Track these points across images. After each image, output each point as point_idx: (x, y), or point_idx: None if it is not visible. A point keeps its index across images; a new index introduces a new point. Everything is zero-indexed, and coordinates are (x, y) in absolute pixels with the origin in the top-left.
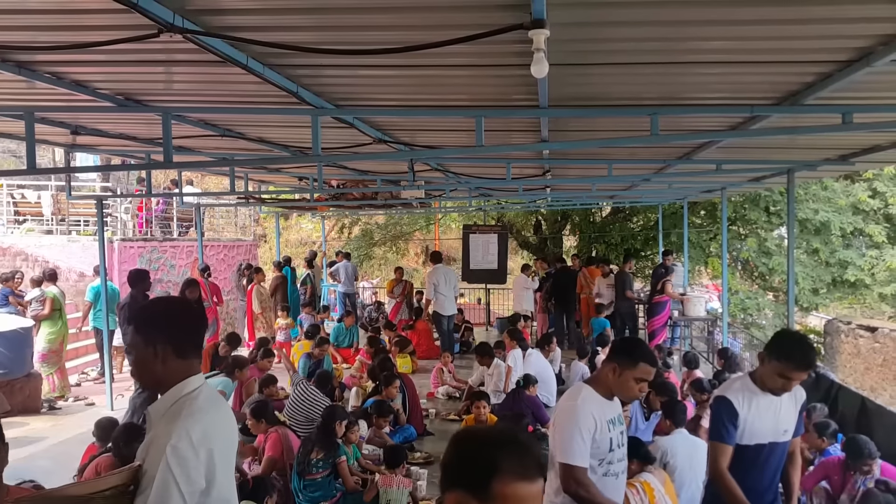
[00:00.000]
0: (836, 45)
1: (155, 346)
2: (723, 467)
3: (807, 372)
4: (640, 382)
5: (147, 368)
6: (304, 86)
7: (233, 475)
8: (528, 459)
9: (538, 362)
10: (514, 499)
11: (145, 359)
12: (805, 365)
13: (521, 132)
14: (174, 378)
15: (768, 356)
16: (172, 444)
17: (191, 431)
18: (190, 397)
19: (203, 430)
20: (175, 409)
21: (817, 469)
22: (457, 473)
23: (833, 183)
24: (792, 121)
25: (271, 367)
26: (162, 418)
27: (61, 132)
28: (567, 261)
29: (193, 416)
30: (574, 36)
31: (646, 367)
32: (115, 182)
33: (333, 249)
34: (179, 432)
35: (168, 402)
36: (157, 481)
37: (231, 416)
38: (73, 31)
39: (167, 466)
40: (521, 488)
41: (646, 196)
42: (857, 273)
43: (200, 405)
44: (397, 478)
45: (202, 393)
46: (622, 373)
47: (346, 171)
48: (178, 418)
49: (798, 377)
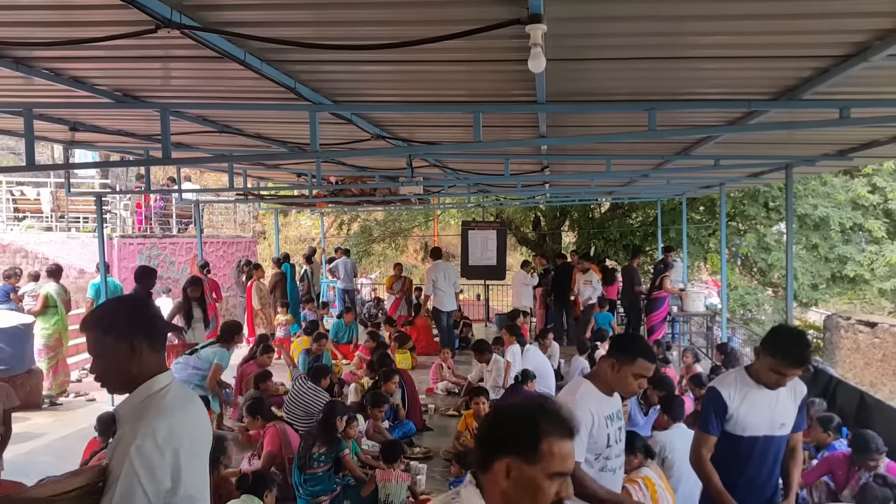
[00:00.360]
0: (832, 39)
1: (130, 341)
2: (703, 455)
3: (801, 369)
4: (639, 378)
5: (121, 369)
6: (302, 82)
7: (204, 472)
8: (564, 420)
9: (536, 357)
10: (559, 455)
11: (118, 359)
12: (799, 362)
13: (520, 128)
14: (147, 375)
15: (763, 351)
16: (137, 445)
17: (156, 431)
18: (158, 395)
19: (169, 429)
20: (142, 408)
21: (821, 464)
22: (503, 442)
23: (832, 178)
24: (790, 116)
25: (271, 363)
26: (128, 416)
27: (60, 129)
28: (567, 257)
29: (160, 415)
30: (571, 31)
31: (644, 363)
32: (114, 179)
33: (332, 246)
34: (144, 432)
35: (137, 400)
36: (122, 481)
37: (203, 412)
38: (71, 27)
39: (131, 466)
40: (564, 445)
41: (644, 192)
42: (856, 268)
43: (167, 404)
44: (396, 472)
45: (171, 391)
46: (621, 368)
47: (344, 168)
48: (144, 417)
49: (792, 373)
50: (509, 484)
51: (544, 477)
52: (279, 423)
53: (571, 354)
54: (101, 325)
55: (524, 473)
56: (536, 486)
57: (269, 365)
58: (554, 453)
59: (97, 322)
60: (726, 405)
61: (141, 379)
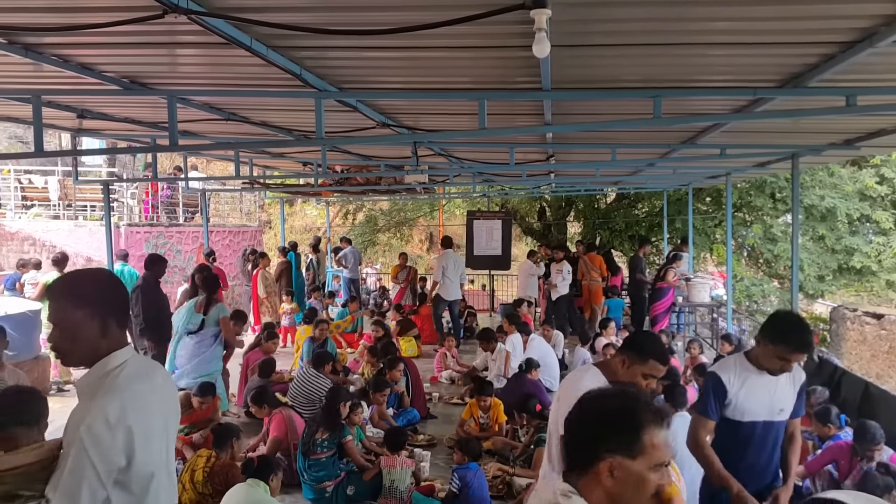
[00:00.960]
0: (838, 25)
1: (103, 318)
2: (701, 438)
3: (804, 354)
4: (649, 378)
5: (84, 344)
6: (308, 68)
7: (165, 446)
8: (657, 409)
9: (541, 347)
10: (659, 445)
11: (85, 334)
12: (802, 347)
13: (525, 115)
14: (107, 351)
15: (764, 338)
16: (88, 424)
17: (107, 410)
18: (113, 374)
19: (121, 408)
20: (97, 385)
21: (825, 453)
22: (603, 441)
23: (840, 169)
24: (795, 104)
25: (276, 350)
26: (84, 393)
27: (68, 116)
28: (571, 247)
29: (111, 393)
30: (576, 16)
31: (656, 365)
32: (121, 168)
33: (338, 235)
34: (95, 412)
35: (93, 377)
36: (72, 460)
37: (166, 386)
38: (79, 12)
39: (82, 446)
40: (661, 434)
41: (651, 182)
42: (863, 260)
43: (121, 382)
44: (400, 458)
45: (126, 367)
46: (631, 366)
47: (350, 157)
48: (96, 396)
49: (795, 359)
50: (614, 483)
51: (648, 470)
52: (285, 410)
53: (574, 345)
54: (74, 296)
55: (629, 470)
56: (641, 481)
57: (274, 352)
58: (655, 445)
59: (70, 293)
60: (726, 389)
61: (101, 355)
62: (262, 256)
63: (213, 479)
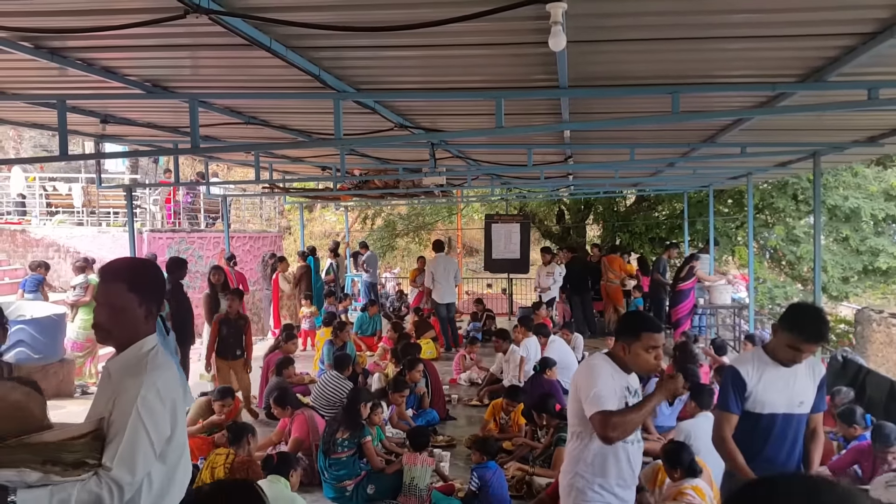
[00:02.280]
0: (857, 15)
1: (149, 306)
2: (726, 434)
3: (817, 344)
4: (652, 350)
5: (128, 327)
6: (326, 69)
7: (185, 425)
8: None
9: (560, 349)
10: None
11: (131, 317)
12: (816, 336)
13: (542, 115)
14: (143, 335)
15: (780, 328)
16: (143, 395)
17: (157, 383)
18: (151, 354)
19: (166, 383)
20: (140, 364)
21: (848, 453)
22: None
23: (864, 169)
24: (816, 98)
25: (295, 351)
26: (125, 372)
27: (91, 121)
28: (588, 249)
29: (158, 369)
30: (591, 10)
31: (649, 335)
32: (143, 175)
33: (357, 241)
34: (147, 385)
35: (131, 357)
36: (129, 429)
37: (179, 373)
38: (102, 14)
39: (138, 415)
40: None
41: (670, 183)
42: (889, 261)
43: (161, 361)
44: (422, 456)
45: (159, 351)
46: (630, 348)
47: (368, 161)
48: (143, 372)
49: (808, 349)
50: None
51: None
52: (307, 410)
53: (595, 347)
54: (129, 280)
55: None
56: None
57: (293, 352)
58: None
59: (126, 276)
60: (745, 382)
61: (136, 339)
62: (281, 260)
63: (234, 475)
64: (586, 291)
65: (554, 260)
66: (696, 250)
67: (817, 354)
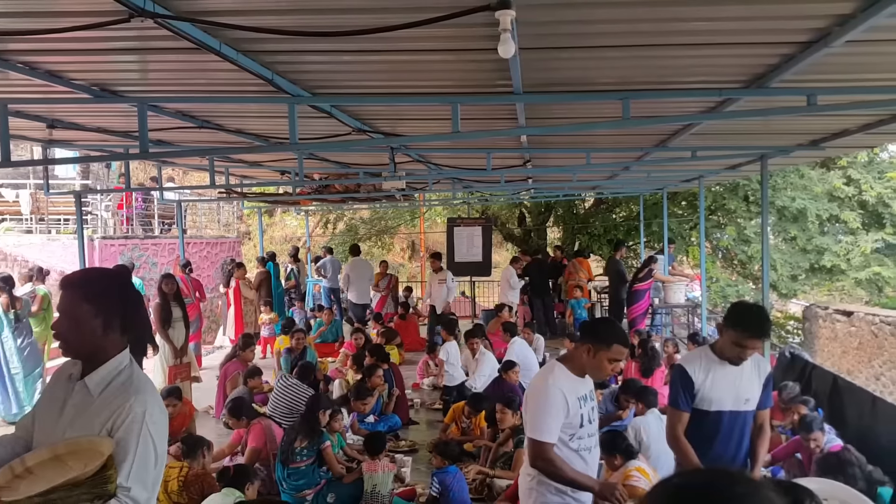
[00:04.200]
0: (795, 25)
1: (106, 318)
2: (678, 432)
3: (760, 340)
4: (614, 363)
5: (86, 339)
6: (280, 73)
7: None
8: None
9: (522, 350)
10: None
11: (88, 329)
12: (759, 333)
13: (501, 120)
14: (112, 351)
15: (725, 325)
16: (149, 412)
17: (158, 401)
18: (136, 371)
19: (158, 400)
20: (123, 380)
21: (790, 443)
22: None
23: (809, 171)
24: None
25: (253, 358)
26: (109, 389)
27: (38, 126)
28: (549, 251)
29: (149, 384)
30: (542, 18)
31: (619, 348)
32: (94, 180)
33: (318, 245)
34: (151, 403)
35: (112, 373)
36: (140, 446)
37: None
38: (44, 17)
39: (148, 433)
40: None
41: (627, 186)
42: (833, 259)
43: (146, 377)
44: (381, 462)
45: (136, 367)
46: (596, 354)
47: (328, 164)
48: (141, 389)
49: (752, 345)
50: None
51: None
52: (264, 420)
53: (556, 347)
54: (84, 290)
55: None
56: None
57: (251, 360)
58: None
59: (81, 286)
60: (692, 380)
61: (105, 354)
62: (238, 266)
63: (188, 488)
64: (547, 293)
65: (517, 264)
66: (653, 251)
67: (765, 353)
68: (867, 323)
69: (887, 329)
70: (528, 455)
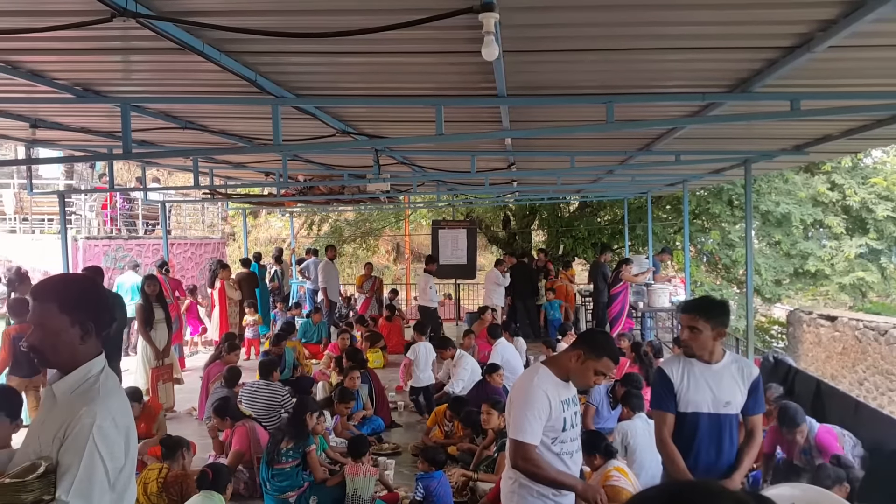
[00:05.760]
0: (779, 30)
1: (84, 325)
2: (664, 435)
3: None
4: (599, 375)
5: (64, 349)
6: (263, 74)
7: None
8: None
9: (506, 351)
10: None
11: (65, 338)
12: (692, 310)
13: (485, 123)
14: (86, 357)
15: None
16: (98, 425)
17: (112, 411)
18: (101, 378)
19: (120, 410)
20: (86, 388)
21: (767, 437)
22: None
23: (794, 176)
24: (745, 108)
25: (237, 361)
26: (71, 397)
27: (21, 126)
28: (534, 255)
29: (111, 395)
30: (526, 21)
31: (608, 363)
32: (78, 180)
33: (303, 247)
34: (103, 412)
35: (77, 381)
36: (85, 459)
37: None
38: (25, 16)
39: (94, 445)
40: None
41: (611, 190)
42: (817, 264)
43: (113, 385)
44: (364, 466)
45: (108, 374)
46: (585, 361)
47: (312, 166)
48: (97, 399)
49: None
50: None
51: None
52: (248, 422)
53: (539, 349)
54: (59, 300)
55: None
56: None
57: (235, 363)
58: None
59: (55, 296)
60: (671, 381)
61: (79, 361)
62: (223, 267)
63: (168, 490)
64: (530, 296)
65: (501, 267)
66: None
67: (750, 356)
68: (851, 328)
69: (871, 334)
70: (510, 456)
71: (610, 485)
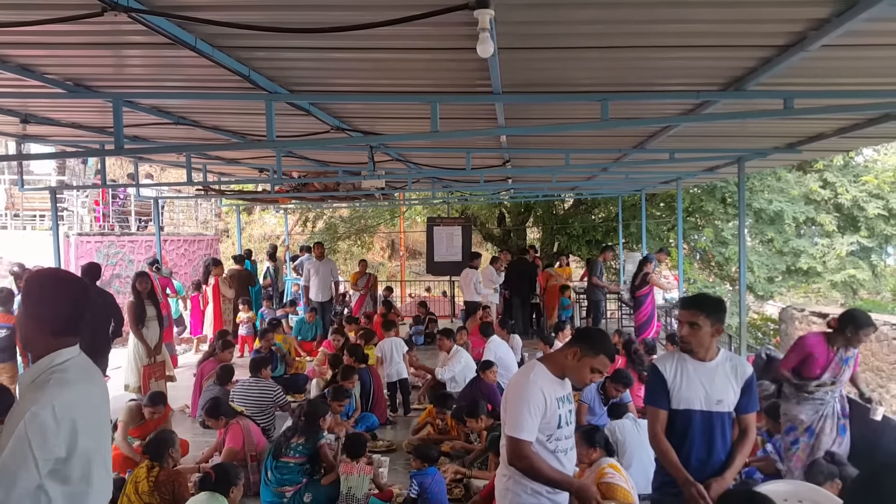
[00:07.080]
0: (772, 29)
1: (39, 321)
2: (657, 430)
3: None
4: (595, 372)
5: (35, 339)
6: (257, 69)
7: (104, 443)
8: None
9: (500, 349)
10: None
11: (29, 332)
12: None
13: (480, 120)
14: (53, 348)
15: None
16: (33, 412)
17: (55, 401)
18: (60, 368)
19: (68, 401)
20: (44, 379)
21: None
22: None
23: (786, 174)
24: (739, 107)
25: (231, 359)
26: (29, 386)
27: (11, 121)
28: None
29: (60, 385)
30: (521, 18)
31: (605, 360)
32: (70, 176)
33: (297, 244)
34: (43, 401)
35: (37, 371)
36: (12, 444)
37: (104, 388)
38: (14, 9)
39: (24, 431)
40: None
41: (606, 187)
42: (809, 261)
43: (69, 376)
44: (359, 465)
45: (73, 364)
46: (581, 358)
47: (307, 163)
48: (45, 387)
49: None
50: None
51: None
52: (242, 420)
53: (534, 346)
54: (24, 294)
55: None
56: None
57: (229, 360)
58: None
59: (24, 291)
60: (664, 377)
61: (46, 352)
62: (216, 265)
63: (159, 488)
64: (527, 293)
65: (497, 264)
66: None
67: (743, 352)
68: None
69: None
70: (505, 453)
71: (605, 482)
